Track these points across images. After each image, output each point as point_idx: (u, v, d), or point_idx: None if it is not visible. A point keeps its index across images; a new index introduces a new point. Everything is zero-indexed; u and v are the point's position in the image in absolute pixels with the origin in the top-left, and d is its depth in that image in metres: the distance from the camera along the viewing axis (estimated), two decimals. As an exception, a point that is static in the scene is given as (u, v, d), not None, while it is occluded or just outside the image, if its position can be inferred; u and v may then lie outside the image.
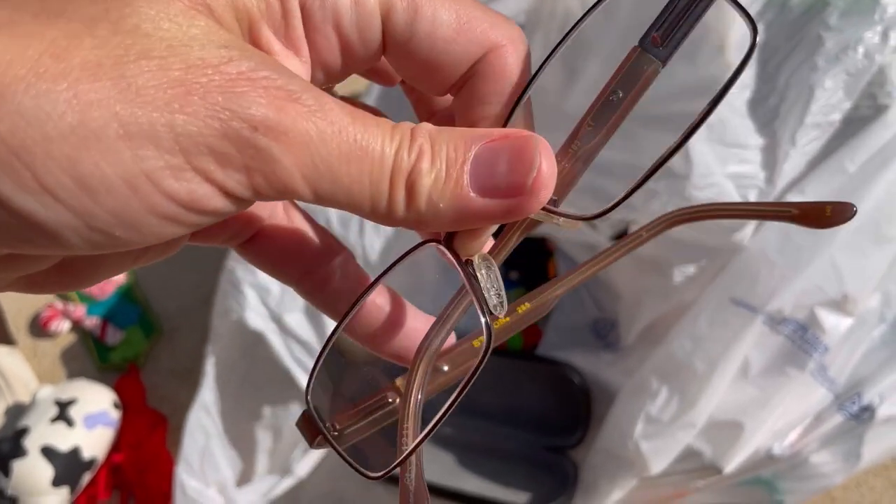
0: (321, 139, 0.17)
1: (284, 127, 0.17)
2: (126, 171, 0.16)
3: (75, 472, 0.84)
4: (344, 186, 0.18)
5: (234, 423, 0.82)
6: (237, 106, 0.16)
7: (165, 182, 0.16)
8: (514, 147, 0.19)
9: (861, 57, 0.59)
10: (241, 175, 0.17)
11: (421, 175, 0.18)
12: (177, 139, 0.16)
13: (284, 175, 0.17)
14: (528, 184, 0.19)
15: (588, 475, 0.72)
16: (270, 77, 0.17)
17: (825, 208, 0.24)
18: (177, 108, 0.16)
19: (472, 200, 0.19)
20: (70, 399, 0.86)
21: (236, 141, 0.17)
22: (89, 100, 0.15)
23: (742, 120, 0.61)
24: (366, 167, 0.18)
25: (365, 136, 0.18)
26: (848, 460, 0.68)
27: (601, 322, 0.82)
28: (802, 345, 0.63)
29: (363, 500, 0.84)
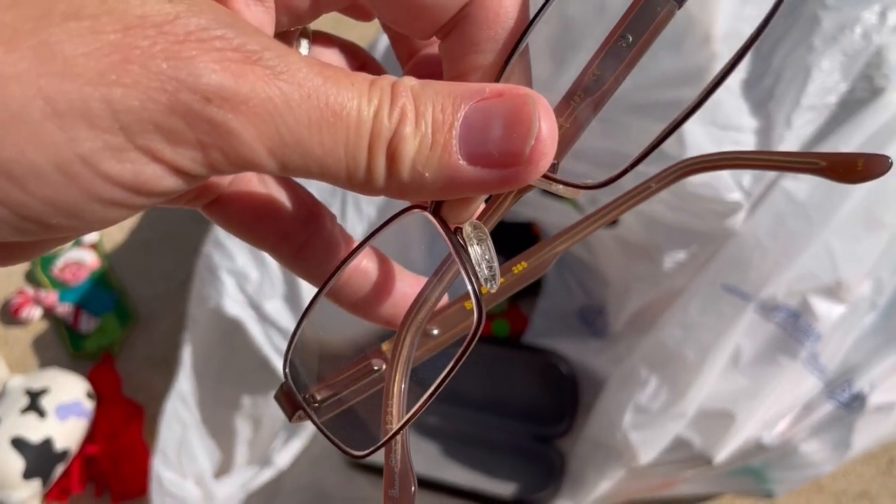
0: (287, 106, 0.15)
1: (243, 96, 0.14)
2: (57, 155, 0.13)
3: (47, 465, 0.81)
4: (316, 157, 0.16)
5: (212, 413, 0.80)
6: (186, 74, 0.14)
7: (105, 165, 0.14)
8: (510, 108, 0.17)
9: (858, 37, 0.58)
10: (195, 152, 0.15)
11: (404, 141, 0.16)
12: (116, 116, 0.14)
13: (245, 150, 0.15)
14: (526, 152, 0.16)
15: (575, 465, 0.71)
16: (225, 36, 0.15)
17: (857, 161, 0.21)
18: (113, 80, 0.13)
19: (462, 169, 0.16)
20: (42, 389, 0.84)
21: (186, 115, 0.14)
22: (5, 74, 0.13)
23: (736, 101, 0.59)
24: (340, 134, 0.16)
25: (338, 98, 0.15)
26: (837, 449, 0.68)
27: (589, 309, 0.80)
28: (794, 333, 0.62)
29: (344, 490, 0.82)
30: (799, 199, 0.60)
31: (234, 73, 0.14)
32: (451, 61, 0.19)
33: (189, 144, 0.14)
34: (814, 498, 0.79)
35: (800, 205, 0.60)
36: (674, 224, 0.64)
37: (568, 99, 0.19)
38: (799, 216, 0.60)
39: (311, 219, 0.23)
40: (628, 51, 0.19)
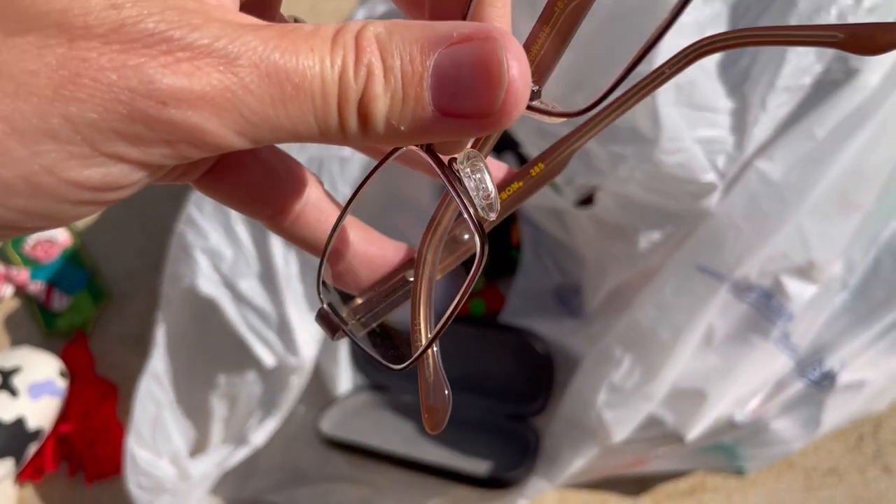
0: (246, 90, 0.15)
1: (199, 91, 0.14)
2: (24, 169, 0.14)
3: (20, 444, 0.80)
4: (287, 128, 0.16)
5: (187, 393, 0.80)
6: (137, 82, 0.14)
7: (72, 172, 0.14)
8: (479, 55, 0.16)
9: (834, 18, 0.58)
10: (163, 149, 0.15)
11: (375, 100, 0.16)
12: (76, 129, 0.14)
13: (213, 137, 0.15)
14: (497, 105, 0.16)
15: (550, 443, 0.72)
16: (172, 36, 0.14)
17: (875, 32, 0.20)
18: (68, 95, 0.14)
19: (437, 121, 0.16)
20: (13, 367, 0.83)
21: (146, 120, 0.14)
22: None
23: (712, 82, 0.59)
24: (307, 104, 0.15)
25: (298, 68, 0.15)
26: (807, 426, 0.69)
27: (565, 288, 0.80)
28: (767, 313, 0.63)
29: (320, 468, 0.82)
30: (773, 180, 0.60)
31: (186, 73, 0.14)
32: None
33: (155, 144, 0.15)
34: (784, 474, 0.81)
35: (774, 185, 0.60)
36: (649, 205, 0.64)
37: (544, 21, 0.18)
38: (772, 197, 0.60)
39: (303, 189, 0.23)
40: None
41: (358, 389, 0.82)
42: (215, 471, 0.79)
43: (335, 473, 0.81)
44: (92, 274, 0.94)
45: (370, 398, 0.82)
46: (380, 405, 0.81)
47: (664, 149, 0.56)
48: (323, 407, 0.78)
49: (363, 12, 0.79)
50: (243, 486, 0.84)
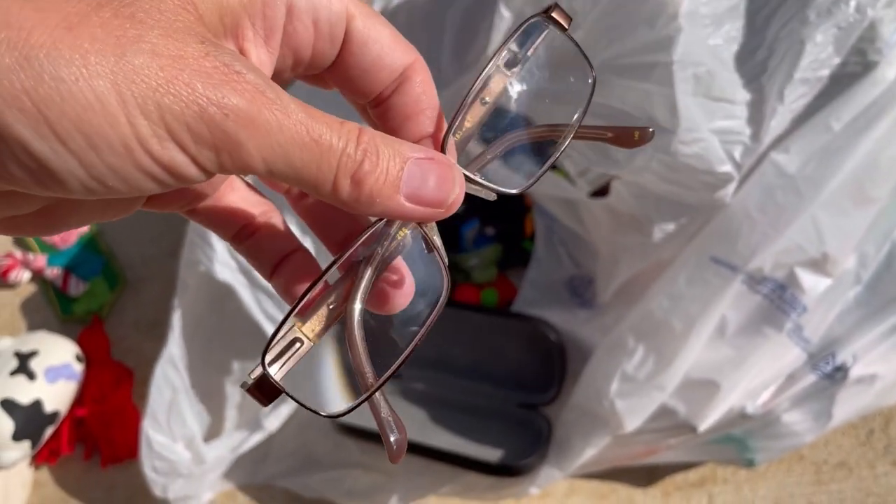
0: (279, 129, 0.21)
1: (251, 116, 0.20)
2: (124, 134, 0.19)
3: (37, 426, 0.81)
4: (295, 169, 0.21)
5: (202, 378, 0.80)
6: (214, 94, 0.20)
7: (153, 147, 0.19)
8: (440, 173, 0.24)
9: (853, 10, 0.58)
10: (211, 152, 0.20)
11: (368, 175, 0.22)
12: (162, 116, 0.19)
13: (247, 156, 0.20)
14: (448, 203, 0.24)
15: (562, 432, 0.72)
16: (241, 71, 0.20)
17: (633, 132, 0.29)
18: (164, 91, 0.19)
19: (401, 203, 0.23)
20: (31, 351, 0.84)
21: (210, 123, 0.20)
22: (97, 71, 0.18)
23: (730, 74, 0.59)
24: (315, 155, 0.21)
25: (317, 129, 0.21)
26: (819, 419, 0.69)
27: (578, 279, 0.81)
28: (781, 304, 0.63)
29: (332, 454, 0.83)
30: (789, 173, 0.60)
31: (248, 99, 0.20)
32: (393, 114, 0.27)
33: (208, 146, 0.20)
34: (794, 467, 0.81)
35: (789, 178, 0.60)
36: (665, 195, 0.64)
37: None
38: (788, 189, 0.60)
39: (264, 214, 0.30)
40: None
41: (371, 377, 0.83)
42: (229, 456, 0.80)
43: (347, 459, 0.82)
44: (108, 260, 0.95)
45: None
46: (392, 392, 0.82)
47: (682, 139, 0.57)
48: (336, 394, 0.79)
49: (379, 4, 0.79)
50: (256, 472, 0.85)
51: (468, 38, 0.70)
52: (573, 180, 0.75)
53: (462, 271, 0.86)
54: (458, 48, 0.72)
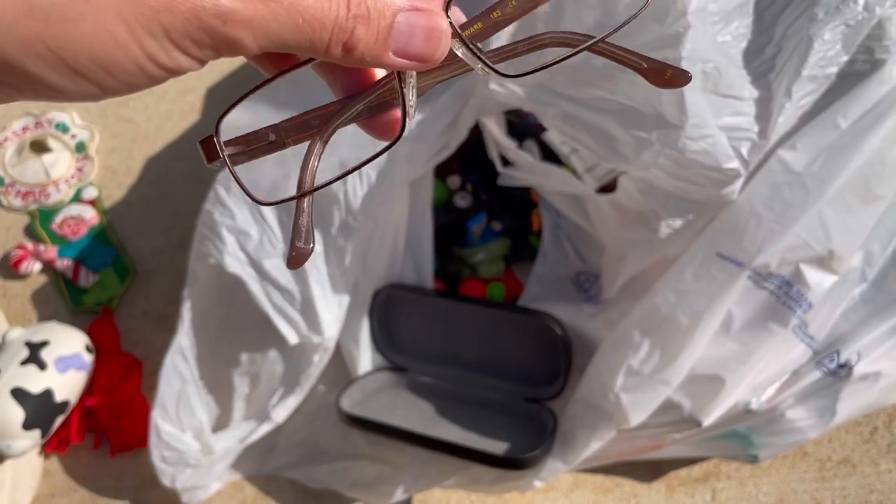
0: (275, 19, 0.22)
1: (248, 16, 0.22)
2: (136, 56, 0.21)
3: (47, 416, 0.82)
4: (289, 45, 0.23)
5: (211, 369, 0.81)
6: (209, 4, 0.21)
7: (161, 59, 0.22)
8: (428, 26, 0.25)
9: (861, 8, 0.58)
10: (212, 51, 0.23)
11: (359, 40, 0.24)
12: (167, 33, 0.21)
13: (244, 48, 0.23)
14: (435, 56, 0.25)
15: (567, 426, 0.73)
16: None
17: (666, 70, 0.29)
18: (165, 9, 0.21)
19: (390, 58, 0.25)
20: (42, 341, 0.84)
21: (211, 32, 0.22)
22: (101, 4, 0.20)
23: (738, 70, 0.60)
24: (307, 34, 0.23)
25: (309, 9, 0.23)
26: (823, 416, 0.69)
27: (584, 275, 0.81)
28: (787, 301, 0.63)
29: (339, 446, 0.84)
30: (796, 170, 0.61)
31: (245, 1, 0.22)
32: None
33: (210, 48, 0.22)
34: (798, 463, 0.81)
35: (796, 175, 0.61)
36: (672, 191, 0.65)
37: (488, 11, 0.27)
38: (795, 186, 0.61)
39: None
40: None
41: (378, 370, 0.83)
42: (237, 446, 0.81)
43: (354, 451, 0.83)
44: (118, 252, 0.95)
45: (390, 378, 0.83)
46: (399, 385, 0.82)
47: (689, 135, 0.57)
48: (343, 386, 0.80)
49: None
50: (263, 462, 0.85)
51: None
52: (580, 176, 0.76)
53: (469, 266, 0.87)
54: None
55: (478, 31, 0.27)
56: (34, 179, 0.98)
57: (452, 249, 0.88)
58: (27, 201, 0.97)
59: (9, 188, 0.98)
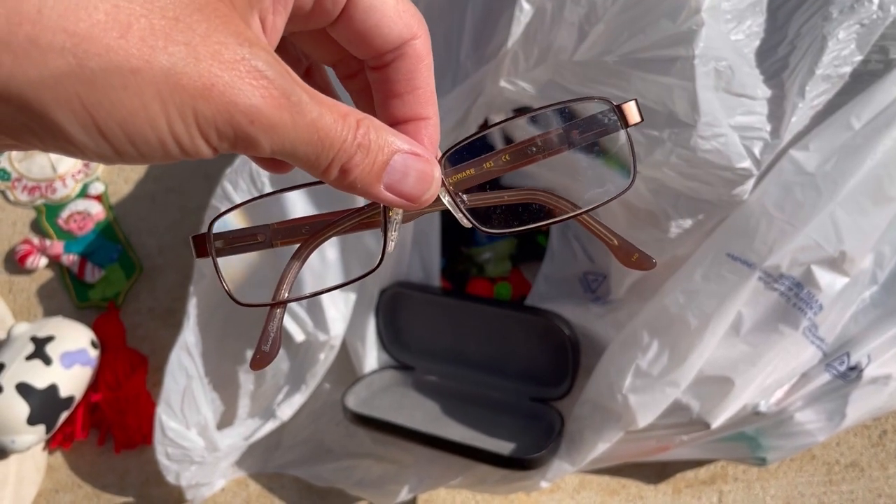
0: (294, 129, 0.24)
1: (273, 121, 0.23)
2: (161, 132, 0.22)
3: (52, 411, 0.82)
4: (297, 156, 0.25)
5: (216, 366, 0.81)
6: (243, 103, 0.22)
7: (183, 141, 0.23)
8: (420, 170, 0.27)
9: (876, 7, 0.58)
10: (228, 145, 0.24)
11: (355, 166, 0.25)
12: (197, 118, 0.22)
13: (258, 149, 0.24)
14: (423, 199, 0.27)
15: (574, 426, 0.72)
16: (272, 78, 0.23)
17: (633, 252, 0.32)
18: (201, 97, 0.22)
19: (380, 191, 0.27)
20: (47, 336, 0.84)
21: (236, 127, 0.23)
22: (144, 80, 0.21)
23: (751, 69, 0.59)
24: (316, 149, 0.24)
25: (325, 126, 0.24)
26: (832, 419, 0.69)
27: (592, 274, 0.81)
28: (797, 302, 0.63)
29: (344, 444, 0.84)
30: (808, 170, 0.60)
31: (272, 106, 0.23)
32: (386, 84, 0.29)
33: (228, 141, 0.23)
34: (805, 467, 0.81)
35: (808, 175, 0.60)
36: (682, 191, 0.64)
37: (481, 161, 0.29)
38: (807, 186, 0.60)
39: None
40: (531, 156, 0.29)
41: (384, 368, 0.83)
42: (242, 444, 0.80)
43: (359, 450, 0.82)
44: (124, 247, 0.95)
45: (395, 377, 0.83)
46: (404, 384, 0.82)
47: (701, 133, 0.57)
48: (349, 384, 0.79)
49: None
50: (268, 460, 0.85)
51: (488, 30, 0.70)
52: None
53: (476, 265, 0.86)
54: (478, 40, 0.72)
55: (468, 177, 0.29)
56: (41, 174, 0.97)
57: (459, 248, 0.87)
58: (34, 196, 0.97)
59: (15, 183, 0.98)
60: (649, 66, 0.58)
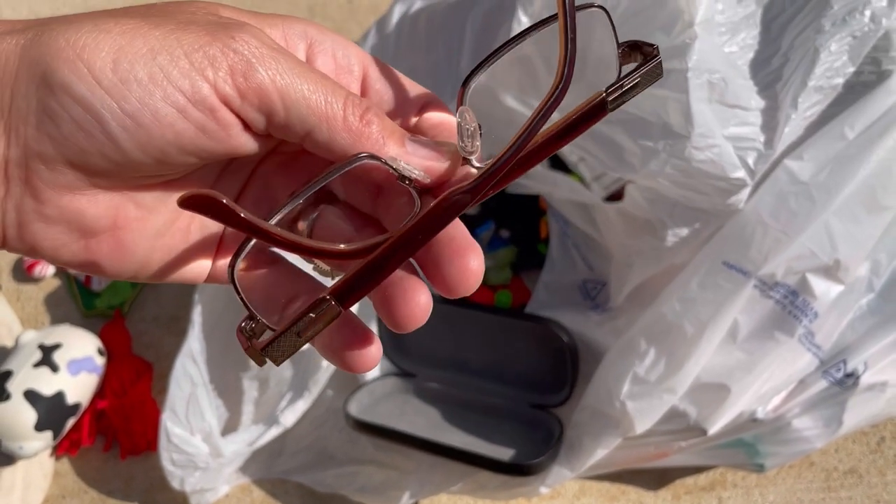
0: (302, 72, 0.24)
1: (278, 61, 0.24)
2: (182, 138, 0.24)
3: (59, 417, 0.83)
4: (307, 103, 0.24)
5: (221, 373, 0.82)
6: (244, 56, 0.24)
7: (199, 141, 0.24)
8: (431, 150, 0.26)
9: (868, 20, 0.58)
10: (258, 113, 0.24)
11: (377, 116, 0.25)
12: (220, 96, 0.24)
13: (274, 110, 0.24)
14: (435, 171, 0.26)
15: (573, 433, 0.73)
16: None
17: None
18: (206, 69, 0.23)
19: (406, 144, 0.26)
20: (54, 344, 0.86)
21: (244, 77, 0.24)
22: (167, 102, 0.23)
23: (744, 81, 0.60)
24: (325, 91, 0.24)
25: (330, 81, 0.25)
26: (829, 426, 0.69)
27: (591, 282, 0.82)
28: (792, 310, 0.64)
29: (347, 450, 0.84)
30: (802, 179, 0.61)
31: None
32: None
33: (252, 109, 0.24)
34: (804, 473, 0.81)
35: (803, 185, 0.61)
36: (678, 200, 0.65)
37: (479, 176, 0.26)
38: (801, 196, 0.61)
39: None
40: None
41: (385, 375, 0.84)
42: (246, 450, 0.81)
43: (361, 456, 0.83)
44: (130, 256, 0.97)
45: (397, 384, 0.84)
46: (406, 391, 0.83)
47: (695, 144, 0.58)
48: (351, 391, 0.80)
49: (400, 8, 0.81)
50: (271, 466, 0.86)
51: (487, 42, 0.71)
52: (588, 184, 0.76)
53: (477, 273, 0.87)
54: (478, 52, 0.73)
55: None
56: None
57: (461, 256, 0.88)
58: (41, 206, 0.99)
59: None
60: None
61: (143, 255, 0.26)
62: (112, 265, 0.26)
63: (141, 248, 0.26)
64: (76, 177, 0.23)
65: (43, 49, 0.22)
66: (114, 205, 0.25)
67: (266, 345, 0.25)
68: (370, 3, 1.09)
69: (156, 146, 0.23)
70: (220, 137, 0.24)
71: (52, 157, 0.23)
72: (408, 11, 0.80)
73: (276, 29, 0.26)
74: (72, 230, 0.25)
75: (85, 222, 0.25)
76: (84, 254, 0.25)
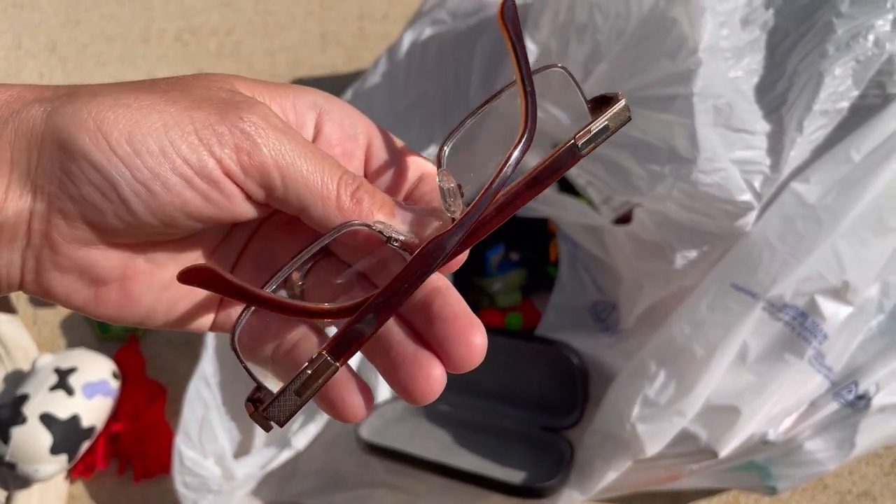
0: (301, 148, 0.26)
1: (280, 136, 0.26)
2: (187, 205, 0.25)
3: (74, 440, 0.84)
4: (304, 180, 0.26)
5: (234, 396, 0.83)
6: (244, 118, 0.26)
7: (202, 209, 0.26)
8: (418, 218, 0.29)
9: (871, 45, 0.59)
10: (257, 188, 0.26)
11: (368, 191, 0.27)
12: (224, 171, 0.26)
13: (274, 186, 0.26)
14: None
15: (584, 456, 0.73)
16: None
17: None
18: (212, 144, 0.25)
19: (396, 213, 0.28)
20: (70, 368, 0.87)
21: (247, 153, 0.26)
22: (175, 171, 0.25)
23: (749, 105, 0.61)
24: (322, 168, 0.26)
25: (328, 157, 0.27)
26: (842, 448, 0.69)
27: (601, 304, 0.82)
28: (802, 332, 0.64)
29: (358, 473, 0.85)
30: (809, 202, 0.62)
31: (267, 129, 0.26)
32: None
33: (254, 183, 0.26)
34: (818, 496, 0.81)
35: (810, 207, 0.61)
36: (686, 223, 0.66)
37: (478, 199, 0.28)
38: (808, 218, 0.61)
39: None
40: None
41: (396, 398, 0.84)
42: (258, 472, 0.82)
43: (373, 479, 0.83)
44: (145, 280, 0.98)
45: (408, 407, 0.84)
46: (417, 413, 0.83)
47: (702, 168, 0.58)
48: (363, 414, 0.81)
49: (410, 35, 0.82)
50: (283, 489, 0.86)
51: (496, 68, 0.73)
52: (597, 207, 0.77)
53: (487, 295, 0.88)
54: (486, 77, 0.74)
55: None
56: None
57: (471, 279, 0.89)
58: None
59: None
60: (650, 103, 0.60)
61: (149, 304, 0.28)
62: (119, 312, 0.28)
63: (147, 299, 0.28)
64: (91, 233, 0.26)
65: (67, 119, 0.24)
66: (124, 258, 0.27)
67: (267, 406, 0.26)
68: (381, 30, 1.10)
69: (164, 211, 0.25)
70: (224, 206, 0.26)
71: (72, 214, 0.25)
72: (418, 39, 0.81)
73: (287, 99, 0.28)
74: (83, 279, 0.27)
75: (96, 273, 0.27)
76: (94, 300, 0.27)
